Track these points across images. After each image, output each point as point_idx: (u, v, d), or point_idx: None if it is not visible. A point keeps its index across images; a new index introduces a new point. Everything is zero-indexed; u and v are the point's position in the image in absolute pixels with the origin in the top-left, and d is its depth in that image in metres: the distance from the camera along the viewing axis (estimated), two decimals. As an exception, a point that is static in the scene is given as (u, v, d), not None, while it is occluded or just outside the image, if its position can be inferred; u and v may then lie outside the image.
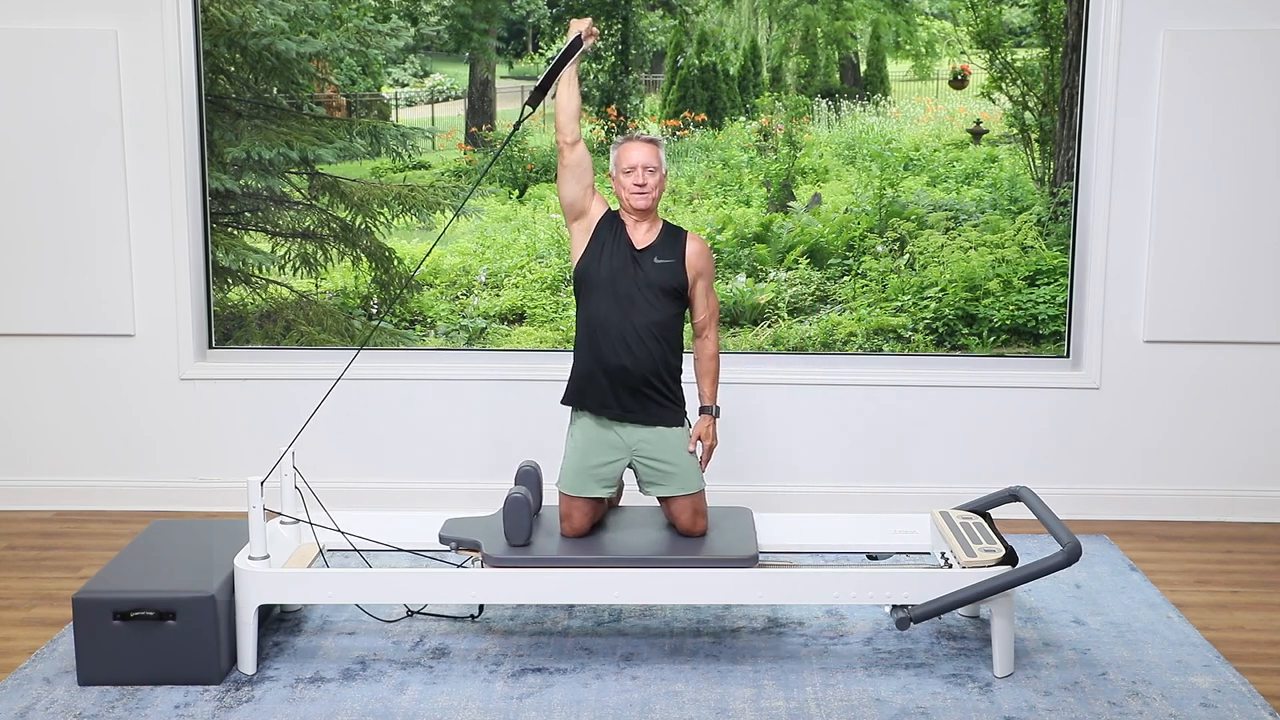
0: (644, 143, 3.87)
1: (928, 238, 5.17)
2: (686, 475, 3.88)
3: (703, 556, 3.75)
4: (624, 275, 3.81)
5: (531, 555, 3.75)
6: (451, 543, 3.87)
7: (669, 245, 3.86)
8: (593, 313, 3.84)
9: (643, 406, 3.85)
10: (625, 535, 3.91)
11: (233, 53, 5.10)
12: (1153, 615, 4.12)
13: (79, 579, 4.39)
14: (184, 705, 3.49)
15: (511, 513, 3.76)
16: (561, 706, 3.49)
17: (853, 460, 5.14)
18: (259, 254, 5.23)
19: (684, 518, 3.88)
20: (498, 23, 5.22)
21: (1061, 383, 5.09)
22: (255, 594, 3.62)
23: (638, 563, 3.73)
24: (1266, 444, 5.09)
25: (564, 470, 3.91)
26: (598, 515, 3.94)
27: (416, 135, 5.28)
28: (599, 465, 3.88)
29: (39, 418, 5.17)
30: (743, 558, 3.73)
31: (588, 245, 3.85)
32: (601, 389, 3.84)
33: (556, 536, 3.89)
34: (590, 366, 3.85)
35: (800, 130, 5.22)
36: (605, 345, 3.81)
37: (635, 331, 3.79)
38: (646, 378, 3.82)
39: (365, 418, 5.12)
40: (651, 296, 3.81)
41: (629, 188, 3.83)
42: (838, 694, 3.58)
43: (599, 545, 3.84)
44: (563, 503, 3.90)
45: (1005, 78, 5.14)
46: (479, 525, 3.93)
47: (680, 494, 3.87)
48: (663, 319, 3.83)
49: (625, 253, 3.83)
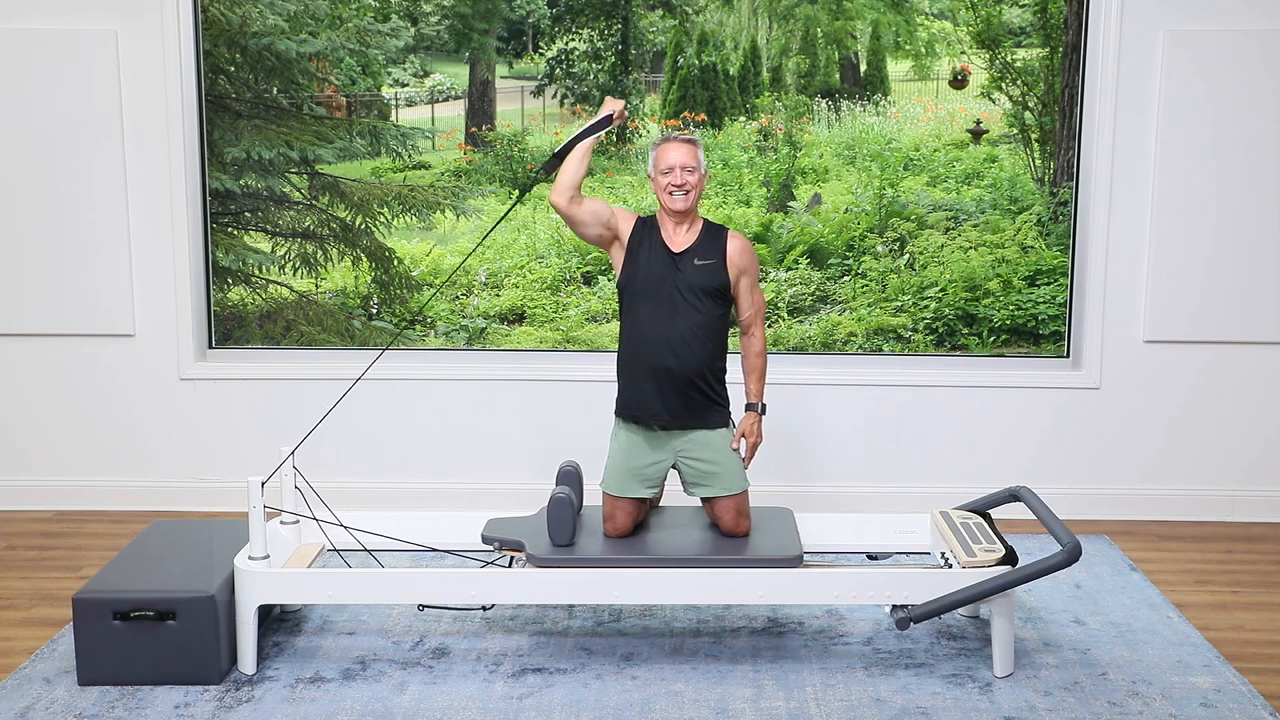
0: (682, 142, 3.85)
1: (928, 238, 5.17)
2: (731, 476, 3.88)
3: (748, 557, 3.75)
4: (665, 279, 3.81)
5: (576, 555, 3.75)
6: (495, 542, 3.87)
7: (709, 245, 3.85)
8: (636, 319, 3.83)
9: (689, 409, 3.84)
10: (668, 535, 3.91)
11: (233, 53, 5.10)
12: (1153, 615, 4.12)
13: (79, 579, 4.39)
14: (184, 705, 3.49)
15: (556, 512, 3.76)
16: (561, 706, 3.49)
17: (852, 460, 5.14)
18: (259, 254, 5.23)
19: (727, 518, 3.88)
20: (498, 23, 5.22)
21: (1061, 383, 5.09)
22: (255, 594, 3.62)
23: (683, 563, 3.73)
24: (1266, 444, 5.09)
25: (608, 471, 3.91)
26: (641, 515, 3.94)
27: (416, 135, 5.28)
28: (644, 466, 3.88)
29: (39, 418, 5.17)
30: (787, 558, 3.73)
31: (625, 259, 3.86)
32: (649, 396, 3.83)
33: (600, 536, 3.89)
34: (636, 374, 3.84)
35: (800, 130, 5.22)
36: (650, 350, 3.80)
37: (680, 334, 3.79)
38: (692, 379, 3.81)
39: (364, 418, 5.12)
40: (694, 299, 3.80)
41: (666, 188, 3.82)
42: (838, 694, 3.58)
43: (643, 545, 3.84)
44: (606, 503, 3.90)
45: (1005, 78, 5.14)
46: (522, 525, 3.93)
47: (724, 494, 3.87)
48: (706, 320, 3.82)
49: (664, 257, 3.82)
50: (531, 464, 5.13)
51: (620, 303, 3.91)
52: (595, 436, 5.03)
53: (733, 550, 3.80)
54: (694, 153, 3.84)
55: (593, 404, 5.07)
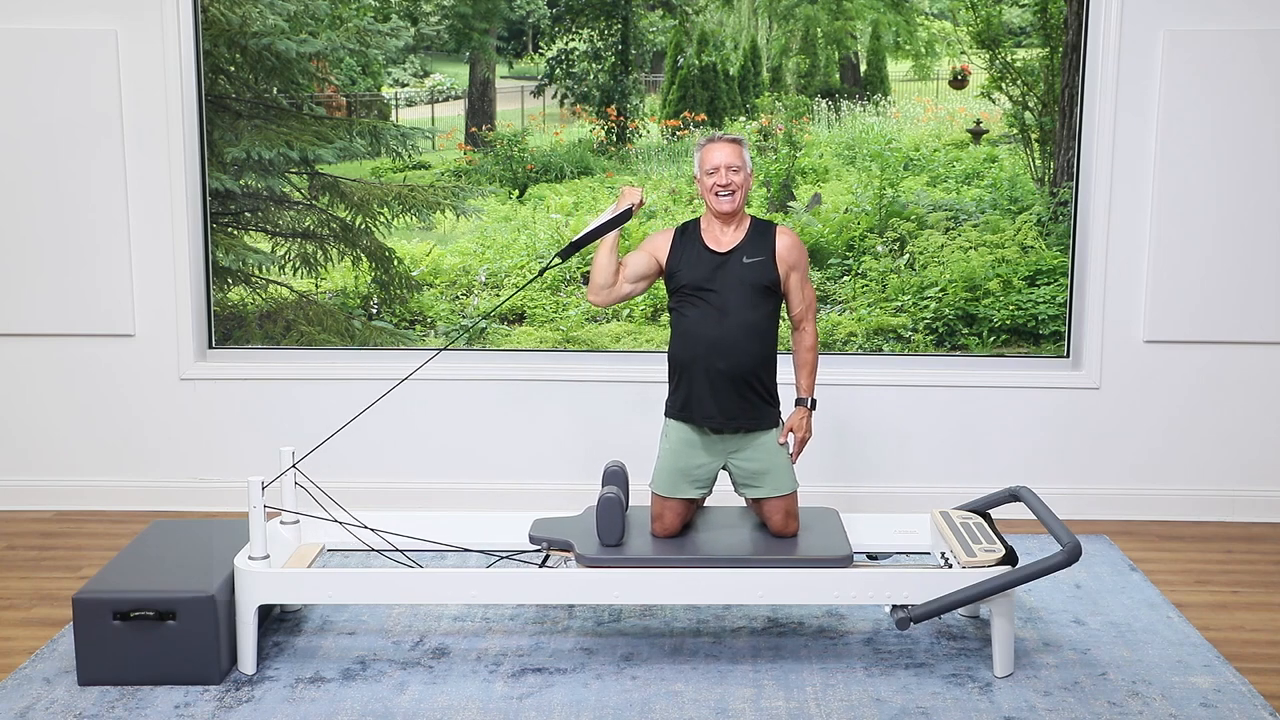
0: (726, 142, 3.84)
1: (928, 238, 5.17)
2: (780, 476, 3.87)
3: (797, 557, 3.75)
4: (713, 280, 3.80)
5: (625, 555, 3.75)
6: (543, 542, 3.86)
7: (758, 242, 3.85)
8: (685, 321, 3.83)
9: (742, 410, 3.83)
10: (716, 535, 3.91)
11: (233, 53, 5.10)
12: (1153, 615, 4.12)
13: (79, 579, 4.39)
14: (184, 705, 3.49)
15: (605, 513, 3.76)
16: (561, 706, 3.49)
17: (853, 460, 5.14)
18: (259, 254, 5.23)
19: (776, 518, 3.88)
20: (498, 23, 5.22)
21: (1061, 383, 5.09)
22: (255, 594, 3.62)
23: (734, 563, 3.73)
24: (1266, 444, 5.09)
25: (658, 471, 3.91)
26: (689, 515, 3.94)
27: (416, 135, 5.28)
28: (694, 467, 3.88)
29: (39, 418, 5.17)
30: (837, 558, 3.73)
31: (667, 266, 3.86)
32: (702, 398, 3.82)
33: (648, 536, 3.89)
34: (689, 376, 3.83)
35: (800, 130, 5.22)
36: (701, 351, 3.79)
37: (731, 334, 3.78)
38: (746, 379, 3.80)
39: (365, 417, 5.11)
40: (744, 297, 3.80)
41: (712, 189, 3.81)
42: (838, 694, 3.58)
43: (693, 545, 3.84)
44: (655, 503, 3.90)
45: (1005, 78, 5.14)
46: (569, 525, 3.93)
47: (773, 495, 3.87)
48: (757, 318, 3.81)
49: (709, 258, 3.82)
50: (532, 464, 5.13)
51: (670, 309, 3.91)
52: (596, 436, 5.05)
53: (783, 550, 3.80)
54: (739, 152, 3.83)
55: (594, 404, 5.09)
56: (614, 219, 3.83)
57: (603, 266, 3.82)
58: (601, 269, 3.82)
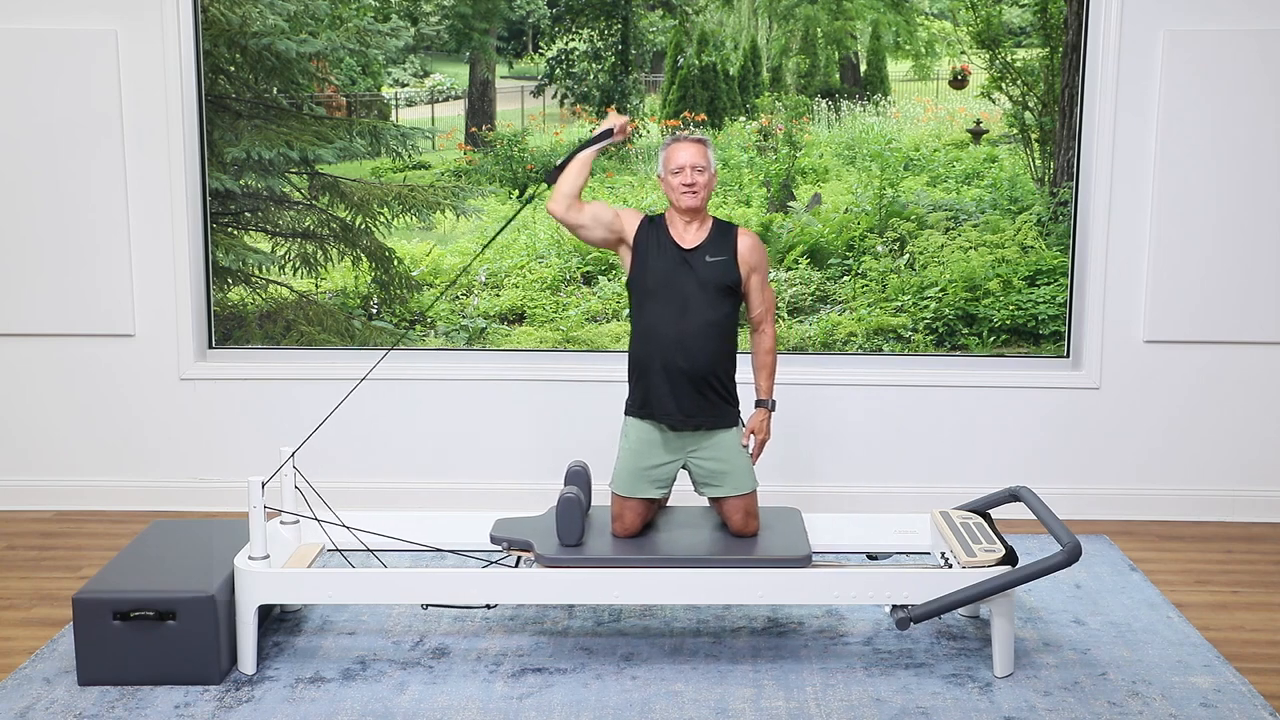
0: (692, 142, 3.87)
1: (928, 238, 5.17)
2: (740, 476, 3.88)
3: (756, 557, 3.75)
4: (675, 277, 3.81)
5: (584, 555, 3.75)
6: (503, 543, 3.86)
7: (720, 242, 3.86)
8: (646, 318, 3.84)
9: (701, 408, 3.84)
10: (677, 535, 3.91)
11: (233, 53, 5.10)
12: (1153, 615, 4.12)
13: (79, 579, 4.39)
14: (184, 705, 3.49)
15: (565, 512, 3.76)
16: (561, 706, 3.49)
17: (853, 460, 5.14)
18: (259, 254, 5.23)
19: (736, 518, 3.88)
20: (498, 23, 5.22)
21: (1061, 383, 5.09)
22: (255, 594, 3.62)
23: (692, 563, 3.73)
24: (1266, 444, 5.09)
25: (617, 471, 3.91)
26: (649, 515, 3.94)
27: (416, 135, 5.28)
28: (653, 466, 3.88)
29: (39, 418, 5.17)
30: (796, 558, 3.73)
31: (633, 259, 3.86)
32: (661, 395, 3.83)
33: (608, 536, 3.89)
34: (647, 372, 3.84)
35: (800, 130, 5.22)
36: (662, 348, 3.80)
37: (691, 332, 3.79)
38: (705, 378, 3.81)
39: (364, 418, 5.12)
40: (705, 296, 3.81)
41: (678, 188, 3.83)
42: (838, 694, 3.58)
43: (652, 545, 3.84)
44: (615, 503, 3.90)
45: (1005, 78, 5.14)
46: (530, 525, 3.93)
47: (733, 495, 3.88)
48: (717, 318, 3.83)
49: (673, 254, 3.83)
50: (532, 464, 5.13)
51: (630, 301, 3.91)
52: (596, 436, 5.04)
53: (741, 550, 3.80)
54: (704, 152, 3.85)
55: (594, 404, 5.08)
56: (595, 137, 3.85)
57: (571, 176, 3.83)
58: (569, 178, 3.83)
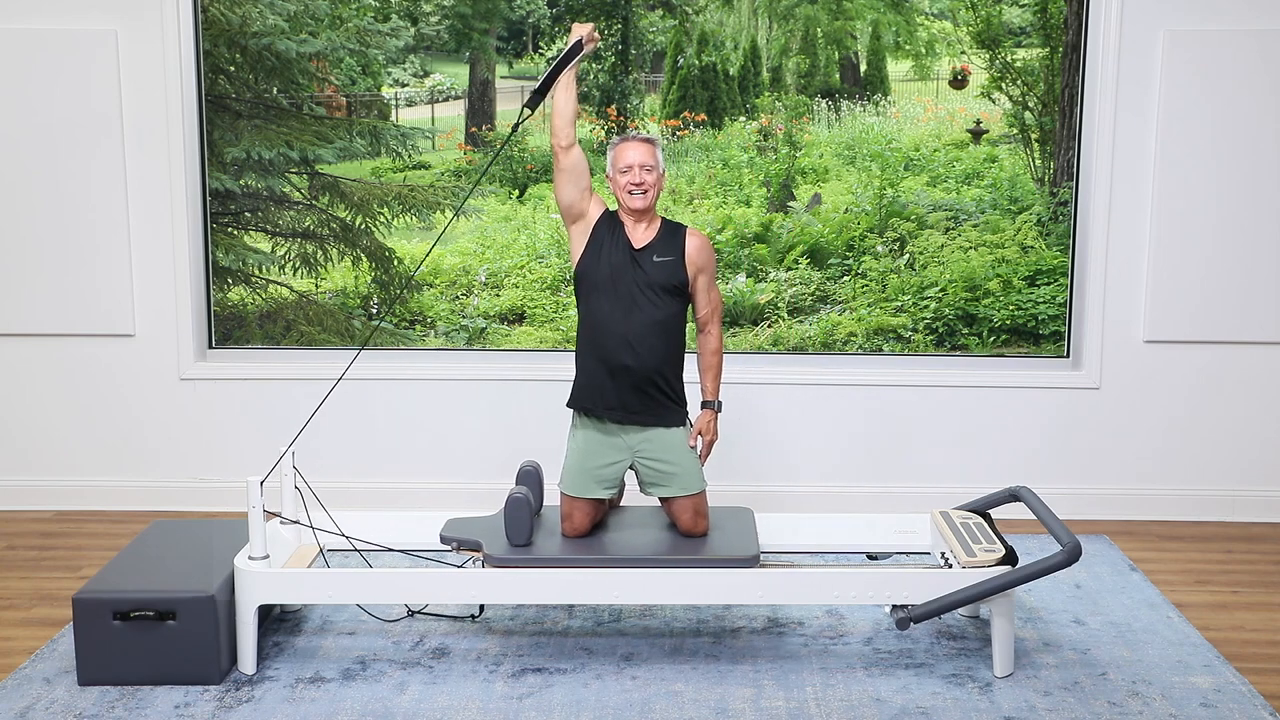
0: (640, 142, 3.87)
1: (928, 238, 5.17)
2: (688, 476, 3.88)
3: (704, 557, 3.75)
4: (624, 275, 3.81)
5: (533, 555, 3.75)
6: (453, 542, 3.87)
7: (668, 242, 3.86)
8: (594, 313, 3.84)
9: (646, 406, 3.84)
10: (626, 535, 3.91)
11: (233, 53, 5.10)
12: (1153, 615, 4.12)
13: (79, 579, 4.39)
14: (184, 705, 3.49)
15: (513, 513, 3.76)
16: (561, 706, 3.49)
17: (853, 460, 5.14)
18: (259, 254, 5.23)
19: (685, 518, 3.88)
20: (498, 23, 5.22)
21: (1061, 383, 5.09)
22: (255, 594, 3.62)
23: (638, 563, 3.73)
24: (1266, 444, 5.09)
25: (565, 471, 3.91)
26: (599, 515, 3.94)
27: (416, 135, 5.28)
28: (601, 466, 3.88)
29: (39, 418, 5.17)
30: (744, 558, 3.73)
31: (586, 246, 3.85)
32: (605, 390, 3.83)
33: (558, 536, 3.89)
34: (593, 368, 3.85)
35: (800, 130, 5.22)
36: (608, 345, 3.81)
37: (637, 331, 3.79)
38: (650, 377, 3.82)
39: (365, 418, 5.12)
40: (652, 295, 3.81)
41: (625, 187, 3.83)
42: (838, 694, 3.58)
43: (600, 545, 3.84)
44: (564, 503, 3.90)
45: (1005, 78, 5.14)
46: (480, 525, 3.93)
47: (681, 494, 3.87)
48: (664, 317, 3.83)
49: (624, 252, 3.83)
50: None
51: (576, 290, 3.90)
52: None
53: (689, 550, 3.80)
54: (652, 152, 3.85)
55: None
56: (566, 55, 3.83)
57: (561, 102, 3.82)
58: (560, 103, 3.81)
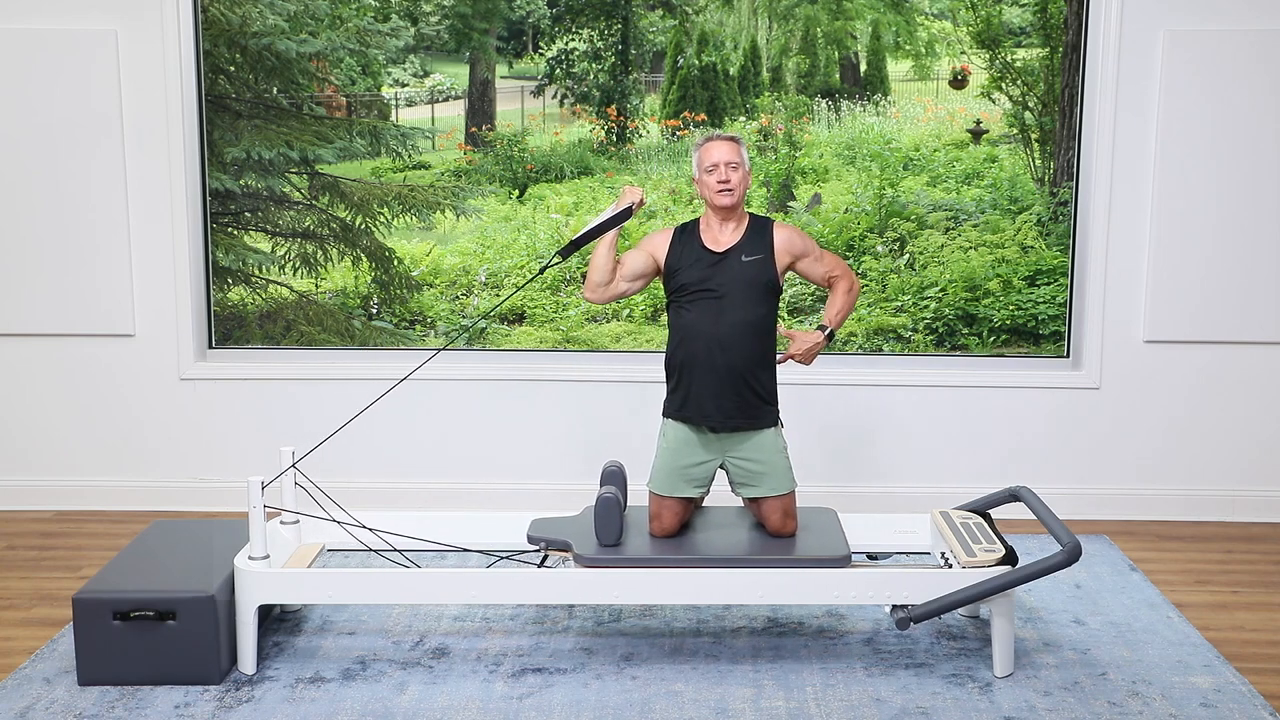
0: (725, 140, 3.87)
1: (928, 238, 5.17)
2: (778, 476, 3.87)
3: (796, 557, 3.75)
4: (711, 280, 3.81)
5: (623, 555, 3.75)
6: (541, 543, 3.86)
7: (756, 240, 3.86)
8: (685, 322, 3.84)
9: (740, 409, 3.83)
10: (715, 535, 3.91)
11: (233, 53, 5.10)
12: (1153, 615, 4.12)
13: (79, 579, 4.40)
14: (184, 705, 3.49)
15: (603, 513, 3.76)
16: (561, 706, 3.49)
17: (853, 460, 5.14)
18: (259, 254, 5.23)
19: (774, 518, 3.88)
20: (498, 23, 5.22)
21: (1061, 383, 5.09)
22: (255, 594, 3.62)
23: (732, 563, 3.73)
24: (1266, 444, 5.09)
25: (655, 470, 3.91)
26: (687, 515, 3.94)
27: (416, 135, 5.28)
28: (691, 465, 3.88)
29: (39, 418, 5.17)
30: (835, 558, 3.73)
31: (666, 264, 3.87)
32: (701, 398, 3.82)
33: (646, 536, 3.89)
34: (686, 375, 3.84)
35: (800, 130, 5.22)
36: (700, 350, 3.80)
37: (728, 333, 3.78)
38: (743, 377, 3.81)
39: (365, 417, 5.11)
40: (741, 296, 3.80)
41: (713, 186, 3.82)
42: (838, 694, 3.58)
43: (690, 545, 3.84)
44: (653, 502, 3.90)
45: (1005, 78, 5.14)
46: (568, 525, 3.93)
47: (771, 495, 3.87)
48: (754, 318, 3.82)
49: (707, 258, 3.83)
50: (532, 464, 5.13)
51: (668, 308, 3.92)
52: (595, 435, 5.05)
53: (781, 550, 3.80)
54: (737, 150, 3.86)
55: (593, 404, 5.09)
56: (614, 217, 3.85)
57: (600, 264, 3.84)
58: (599, 267, 3.84)
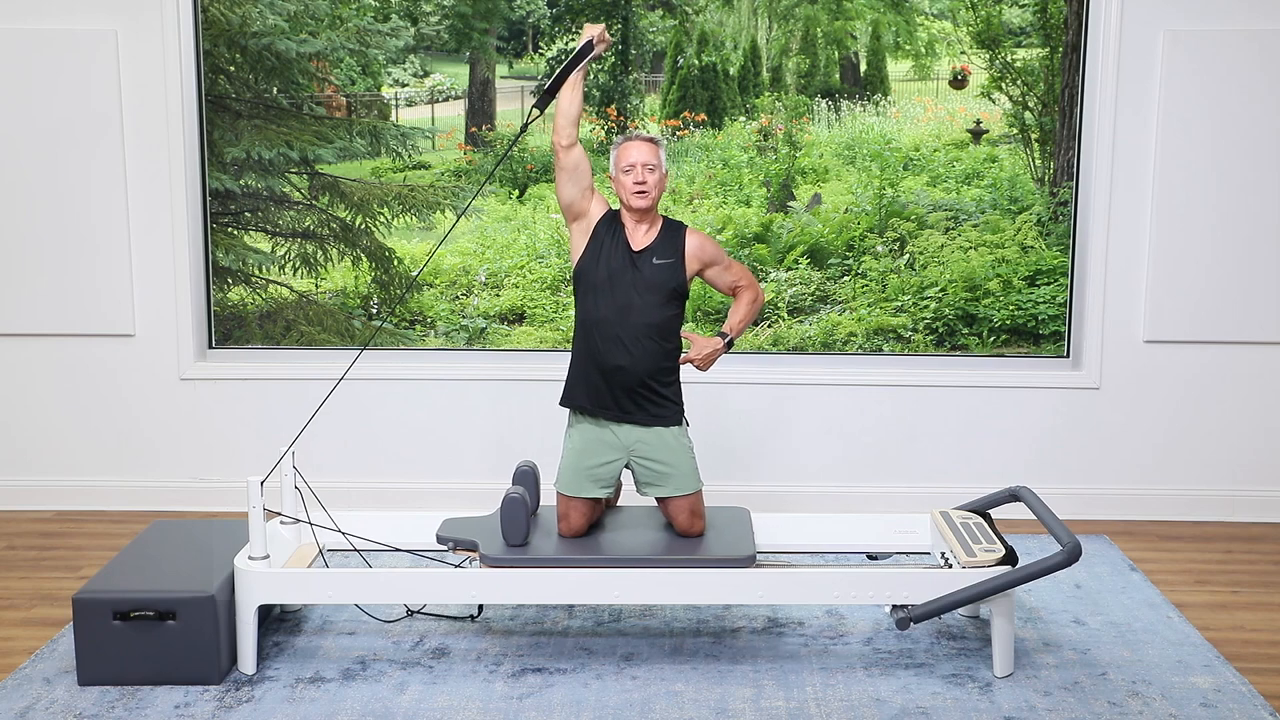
0: (643, 141, 3.86)
1: (928, 238, 5.17)
2: (684, 476, 3.88)
3: (700, 556, 3.75)
4: (622, 277, 3.81)
5: (529, 555, 3.75)
6: (449, 542, 3.87)
7: (668, 244, 3.86)
8: (590, 314, 3.84)
9: (640, 407, 3.84)
10: (622, 535, 3.91)
11: (233, 53, 5.10)
12: (1153, 615, 4.12)
13: (79, 579, 4.39)
14: (184, 705, 3.49)
15: (509, 513, 3.76)
16: (561, 706, 3.49)
17: (853, 460, 5.14)
18: (259, 254, 5.23)
19: (681, 518, 3.88)
20: (498, 23, 5.22)
21: (1061, 383, 5.09)
22: (255, 594, 3.62)
23: (635, 563, 3.73)
24: (1266, 444, 5.09)
25: (561, 470, 3.91)
26: (595, 515, 3.94)
27: (416, 135, 5.28)
28: (597, 466, 3.88)
29: (39, 418, 5.17)
30: (740, 558, 3.73)
31: (586, 246, 3.85)
32: (599, 390, 3.84)
33: (554, 536, 3.89)
34: (587, 367, 3.85)
35: (800, 130, 5.22)
36: (602, 346, 3.80)
37: (632, 332, 3.79)
38: (643, 379, 3.82)
39: (365, 418, 5.12)
40: (650, 298, 3.81)
41: (629, 187, 3.82)
42: (838, 694, 3.58)
43: (596, 545, 3.84)
44: (560, 503, 3.90)
45: (1005, 78, 5.14)
46: (477, 525, 3.93)
47: (677, 494, 3.87)
48: (660, 320, 3.83)
49: (624, 254, 3.83)
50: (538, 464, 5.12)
51: (575, 289, 3.89)
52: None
53: (686, 550, 3.79)
54: (655, 151, 3.85)
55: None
56: (577, 55, 3.80)
57: (566, 102, 3.79)
58: (565, 103, 3.78)
